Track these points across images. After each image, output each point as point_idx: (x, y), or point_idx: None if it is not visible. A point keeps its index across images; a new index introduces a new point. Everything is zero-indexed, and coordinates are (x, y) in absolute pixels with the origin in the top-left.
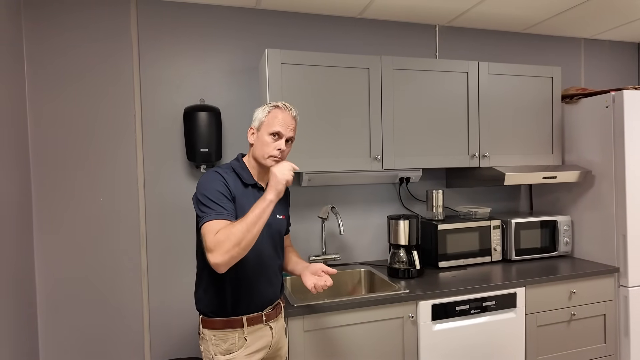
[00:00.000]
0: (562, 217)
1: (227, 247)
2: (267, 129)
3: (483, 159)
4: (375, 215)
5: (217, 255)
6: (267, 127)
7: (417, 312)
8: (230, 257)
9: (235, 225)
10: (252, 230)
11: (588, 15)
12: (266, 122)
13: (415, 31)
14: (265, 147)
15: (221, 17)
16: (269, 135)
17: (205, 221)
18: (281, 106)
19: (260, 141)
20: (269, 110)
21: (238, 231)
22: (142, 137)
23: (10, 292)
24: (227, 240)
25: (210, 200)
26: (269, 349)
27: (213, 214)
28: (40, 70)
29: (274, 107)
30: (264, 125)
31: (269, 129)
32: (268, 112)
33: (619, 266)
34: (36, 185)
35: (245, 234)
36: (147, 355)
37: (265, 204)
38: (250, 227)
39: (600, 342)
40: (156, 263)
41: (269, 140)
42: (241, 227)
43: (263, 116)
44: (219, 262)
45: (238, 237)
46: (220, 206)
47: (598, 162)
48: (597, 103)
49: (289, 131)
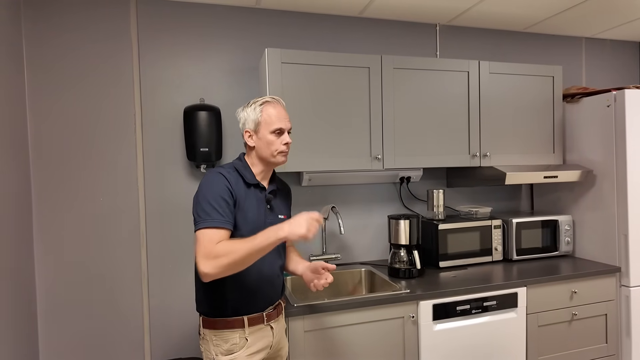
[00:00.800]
0: (564, 217)
1: (223, 263)
2: (268, 128)
3: (484, 159)
4: (375, 215)
5: (209, 266)
6: (267, 126)
7: (417, 312)
8: (221, 272)
9: (237, 244)
10: (253, 257)
11: (589, 14)
12: (264, 122)
13: (415, 30)
14: (271, 146)
15: (221, 17)
16: (272, 134)
17: (202, 226)
18: (271, 101)
19: (263, 141)
20: (261, 109)
21: (239, 253)
22: (142, 137)
23: (10, 292)
24: (225, 257)
25: (209, 204)
26: (270, 349)
27: (210, 220)
28: (40, 71)
29: (264, 104)
30: (263, 125)
31: (270, 127)
32: (261, 110)
33: (620, 266)
34: (36, 185)
35: (245, 259)
36: (148, 355)
37: (274, 240)
38: (253, 254)
39: (602, 342)
40: (156, 263)
41: (273, 138)
42: (244, 250)
43: (257, 116)
44: (209, 273)
45: (236, 260)
46: (219, 212)
47: (599, 161)
48: (598, 102)
49: (287, 123)
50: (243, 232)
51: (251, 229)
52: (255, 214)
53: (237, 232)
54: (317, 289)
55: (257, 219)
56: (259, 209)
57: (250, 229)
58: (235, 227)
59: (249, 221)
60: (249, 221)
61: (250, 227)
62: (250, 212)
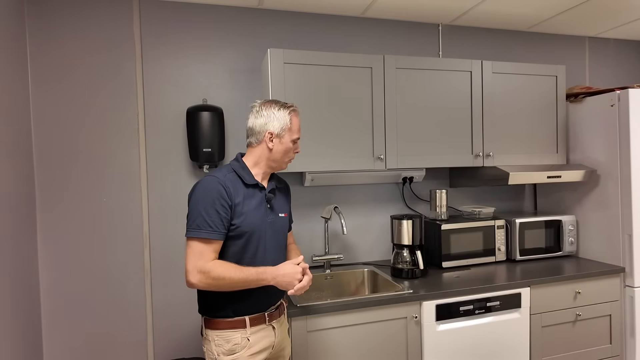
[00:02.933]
0: (567, 217)
1: (210, 283)
2: (291, 136)
3: (487, 159)
4: (378, 215)
5: (196, 278)
6: (291, 134)
7: (420, 312)
8: (205, 287)
9: (230, 272)
10: (240, 288)
11: (592, 13)
12: (291, 129)
13: (418, 30)
14: (288, 152)
15: (224, 17)
16: (292, 142)
17: (192, 236)
18: (297, 110)
19: (283, 147)
20: (290, 116)
21: (229, 282)
22: (146, 137)
23: (14, 292)
24: (215, 280)
25: (200, 214)
26: (272, 349)
27: (199, 230)
28: (42, 70)
29: (292, 112)
30: (287, 132)
31: (293, 135)
32: (290, 117)
33: (624, 266)
34: (40, 185)
35: (232, 287)
36: (151, 355)
37: (265, 284)
38: (241, 286)
39: (606, 343)
40: (159, 263)
41: (292, 146)
42: (234, 281)
43: (286, 121)
44: (195, 284)
45: (223, 285)
46: (209, 224)
47: (603, 161)
48: (602, 102)
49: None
50: (244, 233)
51: (252, 229)
52: (255, 213)
53: (238, 233)
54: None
55: (258, 219)
56: (259, 209)
57: (251, 229)
58: (236, 228)
59: (249, 222)
60: (249, 222)
61: (251, 227)
62: (251, 213)
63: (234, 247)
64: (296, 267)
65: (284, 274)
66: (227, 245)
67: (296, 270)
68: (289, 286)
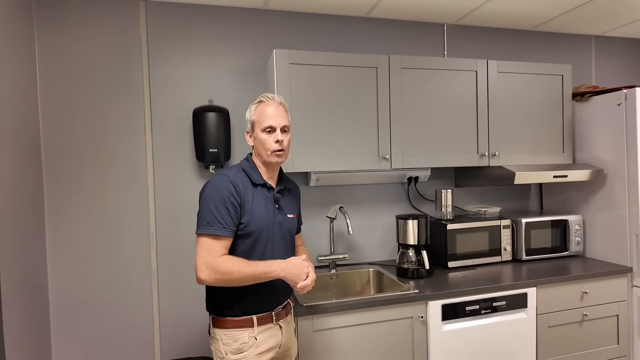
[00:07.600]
0: (573, 217)
1: (220, 277)
2: (259, 127)
3: (492, 158)
4: (383, 215)
5: (206, 274)
6: (259, 125)
7: (426, 312)
8: (215, 283)
9: (239, 266)
10: (249, 282)
11: (598, 12)
12: (256, 121)
13: (423, 30)
14: (264, 144)
15: (229, 18)
16: (263, 132)
17: (203, 232)
18: (265, 100)
19: (258, 140)
20: (255, 108)
21: (238, 275)
22: (152, 138)
23: (24, 291)
24: (224, 275)
25: (211, 211)
26: (279, 348)
27: (210, 227)
28: (51, 72)
29: (258, 104)
30: (256, 124)
31: (260, 125)
32: (255, 110)
33: (632, 266)
34: (48, 185)
35: (241, 281)
36: (157, 354)
37: (274, 277)
38: (250, 280)
39: (613, 343)
40: (166, 262)
41: (265, 137)
42: (243, 275)
43: (252, 116)
44: (205, 280)
45: (233, 280)
46: (219, 221)
47: (610, 160)
48: (608, 101)
49: (280, 121)
50: (252, 232)
51: (260, 228)
52: (263, 213)
53: (246, 232)
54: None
55: (265, 218)
56: (267, 209)
57: (258, 229)
58: (244, 226)
59: (257, 221)
60: (257, 221)
61: (258, 226)
62: (258, 212)
63: (243, 246)
64: (304, 262)
65: (293, 266)
66: (236, 244)
67: (304, 264)
68: (298, 278)
